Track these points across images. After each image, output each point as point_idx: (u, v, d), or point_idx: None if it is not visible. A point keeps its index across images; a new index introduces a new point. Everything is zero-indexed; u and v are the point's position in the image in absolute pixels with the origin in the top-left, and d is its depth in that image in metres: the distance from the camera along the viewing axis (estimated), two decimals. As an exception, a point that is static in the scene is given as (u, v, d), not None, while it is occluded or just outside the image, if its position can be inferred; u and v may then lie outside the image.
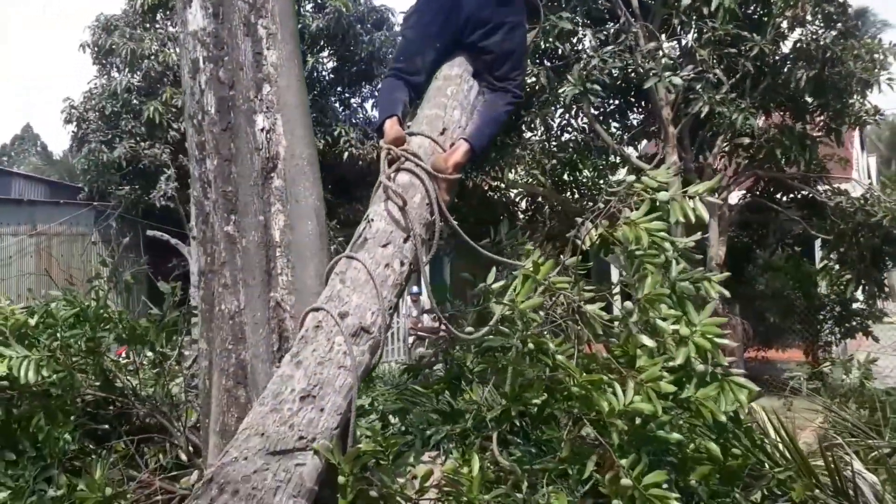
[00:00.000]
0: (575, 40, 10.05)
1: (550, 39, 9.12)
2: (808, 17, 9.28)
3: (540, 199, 14.46)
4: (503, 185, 14.52)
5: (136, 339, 4.51)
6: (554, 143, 12.70)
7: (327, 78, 18.87)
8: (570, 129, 12.58)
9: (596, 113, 11.90)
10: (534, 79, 10.66)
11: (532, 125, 11.95)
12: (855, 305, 13.23)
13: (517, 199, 15.21)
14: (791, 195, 12.83)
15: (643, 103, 12.65)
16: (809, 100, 10.90)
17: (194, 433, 4.53)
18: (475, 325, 3.84)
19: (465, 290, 4.47)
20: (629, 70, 9.62)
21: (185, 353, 5.13)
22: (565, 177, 13.95)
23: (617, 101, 12.80)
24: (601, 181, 14.27)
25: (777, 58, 10.00)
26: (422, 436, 3.56)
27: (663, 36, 9.83)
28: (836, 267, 12.54)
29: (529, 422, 3.46)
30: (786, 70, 10.14)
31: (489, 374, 3.93)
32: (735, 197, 12.70)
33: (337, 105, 18.92)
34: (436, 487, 3.09)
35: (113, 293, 5.32)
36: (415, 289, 17.05)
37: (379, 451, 2.95)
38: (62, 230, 19.38)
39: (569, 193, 14.24)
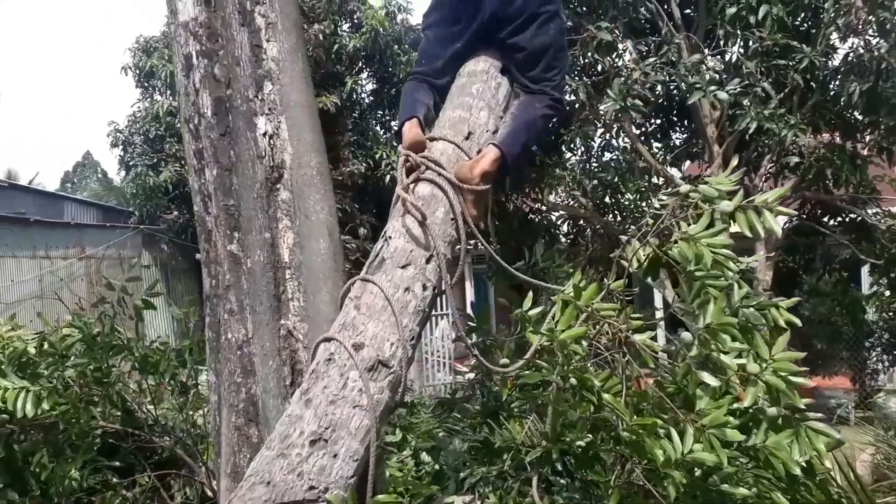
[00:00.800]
0: (614, 56, 9.68)
1: (590, 53, 8.77)
2: (861, 26, 8.80)
3: (581, 221, 14.09)
4: (544, 208, 14.18)
5: (151, 368, 4.24)
6: (595, 164, 12.35)
7: (367, 101, 18.70)
8: (611, 148, 12.21)
9: (637, 132, 11.53)
10: (572, 96, 10.35)
11: (572, 145, 11.61)
12: (905, 333, 12.73)
13: (558, 222, 14.83)
14: (839, 218, 12.32)
15: (685, 122, 12.25)
16: (860, 116, 10.42)
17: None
18: (514, 354, 3.53)
19: (507, 315, 4.16)
20: (672, 85, 9.26)
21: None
22: (606, 199, 13.59)
23: (658, 121, 12.41)
24: (643, 203, 13.89)
25: (827, 71, 9.55)
26: (456, 478, 3.21)
27: (706, 50, 9.45)
28: (887, 293, 12.04)
29: (573, 461, 3.08)
30: (836, 84, 9.69)
31: (528, 411, 3.60)
32: (781, 220, 12.13)
33: (377, 127, 18.72)
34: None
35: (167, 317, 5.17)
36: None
37: (401, 503, 2.61)
38: (110, 254, 19.45)
39: (610, 216, 13.88)
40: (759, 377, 2.11)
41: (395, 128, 2.94)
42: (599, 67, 10.43)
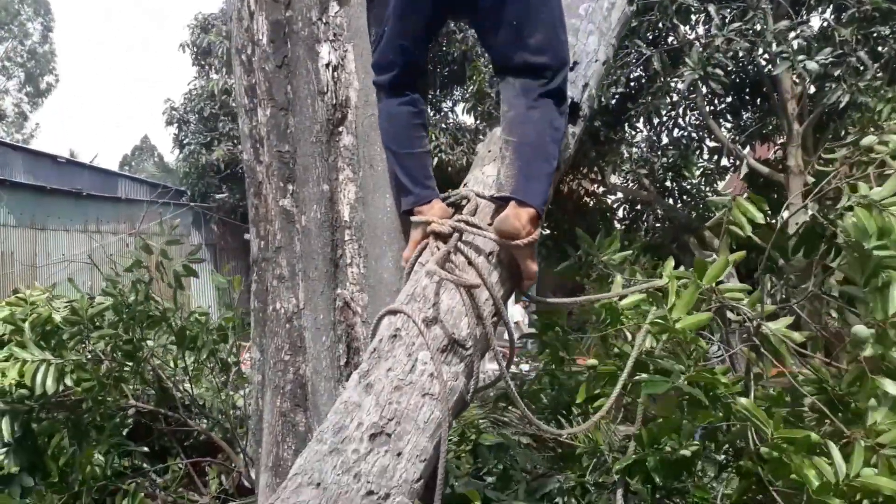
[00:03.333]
0: (693, 22, 9.03)
1: (669, 15, 8.14)
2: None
3: (640, 205, 13.46)
4: (600, 190, 13.59)
5: (189, 342, 3.85)
6: (665, 141, 11.71)
7: (419, 81, 18.38)
8: (679, 126, 11.53)
9: (708, 110, 10.88)
10: (640, 71, 9.77)
11: (636, 122, 11.01)
12: None
13: (615, 206, 14.23)
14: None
15: (758, 101, 11.56)
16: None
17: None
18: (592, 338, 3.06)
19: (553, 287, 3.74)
20: (752, 57, 8.60)
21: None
22: (667, 183, 12.95)
23: (729, 99, 11.73)
24: (707, 189, 13.24)
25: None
26: (527, 486, 2.74)
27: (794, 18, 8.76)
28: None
29: (668, 473, 2.58)
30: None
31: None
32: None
33: (428, 108, 18.39)
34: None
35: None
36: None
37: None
38: (160, 230, 19.52)
39: (671, 200, 13.24)
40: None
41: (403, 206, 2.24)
42: (671, 39, 9.83)
